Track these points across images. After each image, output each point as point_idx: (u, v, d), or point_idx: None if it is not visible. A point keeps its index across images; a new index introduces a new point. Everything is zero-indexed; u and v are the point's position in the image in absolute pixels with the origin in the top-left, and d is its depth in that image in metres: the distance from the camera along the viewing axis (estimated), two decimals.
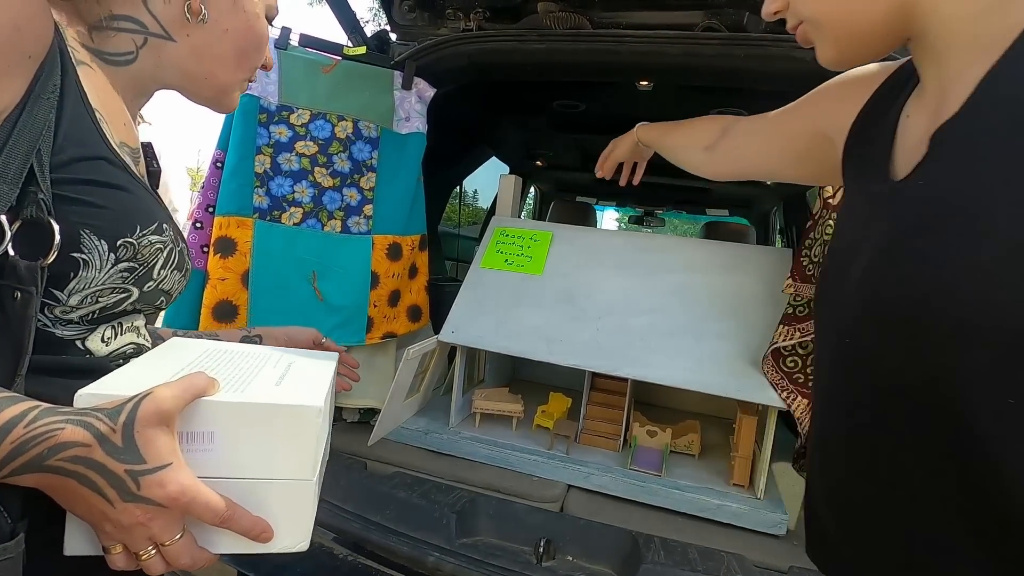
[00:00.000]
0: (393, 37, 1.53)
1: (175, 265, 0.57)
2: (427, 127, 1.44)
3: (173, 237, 0.56)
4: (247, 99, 1.21)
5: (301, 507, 0.50)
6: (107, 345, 0.53)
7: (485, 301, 1.37)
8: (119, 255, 0.49)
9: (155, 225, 0.53)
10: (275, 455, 0.49)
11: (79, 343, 0.51)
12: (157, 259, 0.54)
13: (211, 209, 1.22)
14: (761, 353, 1.15)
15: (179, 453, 0.44)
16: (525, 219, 2.36)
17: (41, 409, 0.41)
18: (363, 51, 1.37)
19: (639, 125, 1.16)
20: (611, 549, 0.98)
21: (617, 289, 1.34)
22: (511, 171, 2.68)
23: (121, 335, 0.55)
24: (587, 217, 3.32)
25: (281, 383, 0.53)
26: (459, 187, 2.59)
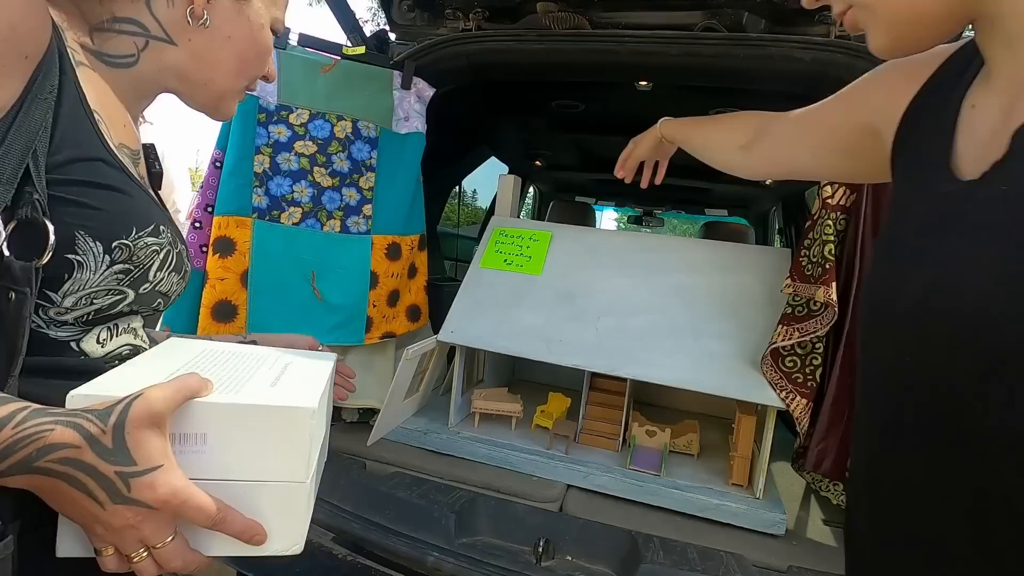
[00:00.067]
0: (392, 37, 1.53)
1: (172, 267, 0.56)
2: (426, 127, 1.44)
3: (171, 239, 0.56)
4: (246, 98, 1.20)
5: (295, 510, 0.50)
6: (103, 347, 0.53)
7: (484, 301, 1.37)
8: (114, 257, 0.49)
9: (151, 227, 0.53)
10: (268, 457, 0.48)
11: (74, 344, 0.51)
12: (153, 261, 0.53)
13: (210, 209, 1.22)
14: (760, 353, 1.15)
15: (171, 455, 0.44)
16: (524, 219, 2.36)
17: (31, 410, 0.41)
18: (362, 51, 1.37)
19: (662, 121, 1.08)
20: (610, 549, 0.98)
21: (616, 289, 1.34)
22: (510, 171, 2.69)
23: (117, 336, 0.55)
24: (586, 217, 3.33)
25: (276, 384, 0.53)
26: (458, 187, 2.59)
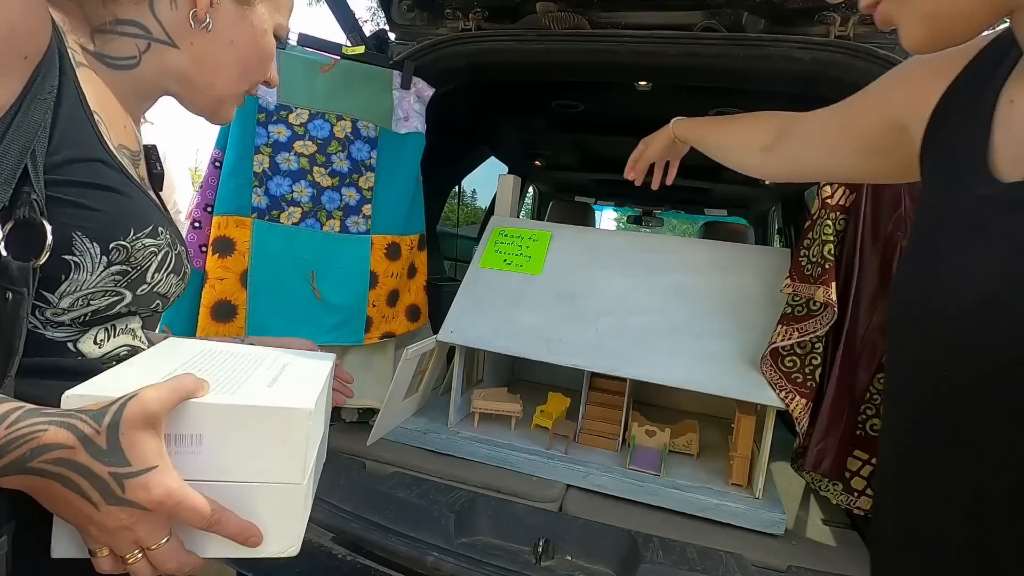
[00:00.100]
0: (392, 37, 1.53)
1: (171, 268, 0.56)
2: (426, 127, 1.44)
3: (169, 240, 0.56)
4: (246, 98, 1.21)
5: (291, 511, 0.50)
6: (100, 347, 0.53)
7: (484, 301, 1.37)
8: (111, 258, 0.49)
9: (150, 228, 0.52)
10: (264, 458, 0.48)
11: (71, 345, 0.50)
12: (151, 262, 0.53)
13: (209, 208, 1.22)
14: (760, 353, 1.15)
15: (165, 455, 0.44)
16: (524, 219, 2.36)
17: (24, 410, 0.40)
18: (362, 51, 1.37)
19: (676, 120, 1.06)
20: (610, 549, 0.98)
21: (616, 289, 1.34)
22: (510, 171, 2.69)
23: (115, 337, 0.55)
24: (586, 217, 3.33)
25: (274, 384, 0.52)
26: (458, 187, 2.59)
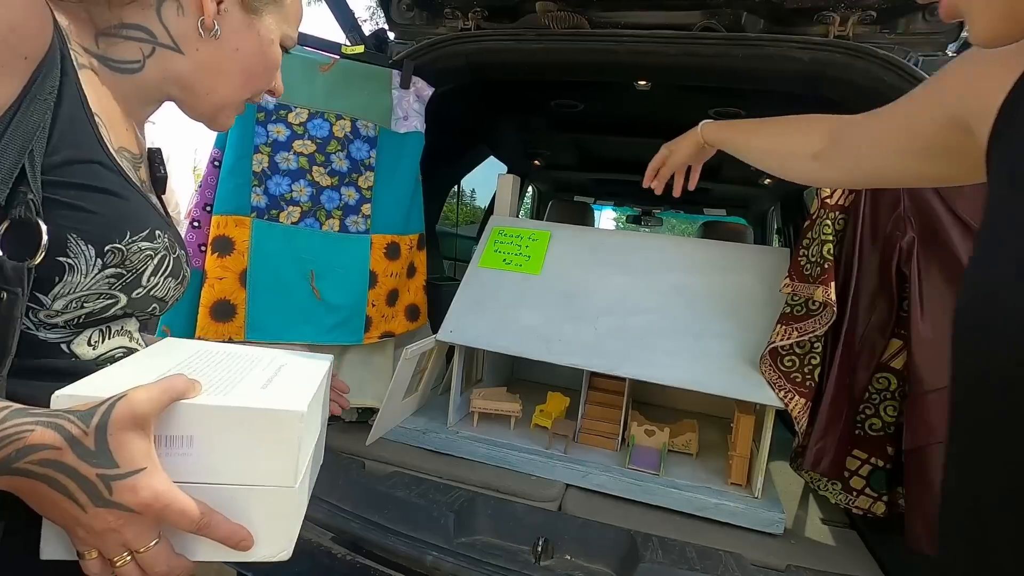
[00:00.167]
0: (391, 36, 1.53)
1: (168, 272, 0.56)
2: (425, 126, 1.44)
3: (167, 244, 0.55)
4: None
5: (283, 515, 0.49)
6: (94, 349, 0.53)
7: (483, 300, 1.37)
8: (106, 261, 0.49)
9: (146, 231, 0.52)
10: (256, 461, 0.47)
11: (64, 346, 0.50)
12: (147, 266, 0.53)
13: (208, 208, 1.21)
14: (759, 352, 1.16)
15: (154, 457, 0.43)
16: (523, 218, 2.36)
17: (12, 410, 0.40)
18: (361, 50, 1.37)
19: (704, 124, 1.03)
20: (609, 548, 0.98)
21: (615, 289, 1.34)
22: (509, 170, 2.69)
23: (109, 339, 0.54)
24: (585, 216, 3.33)
25: (268, 386, 0.51)
26: (457, 186, 2.59)
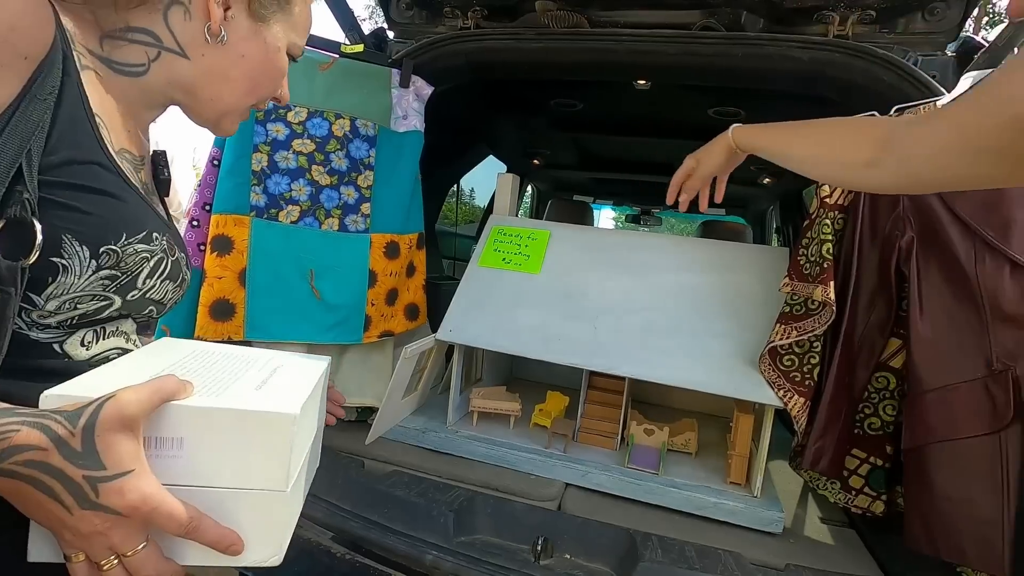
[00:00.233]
0: (391, 35, 1.53)
1: (165, 275, 0.56)
2: (425, 125, 1.44)
3: (165, 247, 0.55)
4: None
5: (274, 519, 0.48)
6: (87, 349, 0.52)
7: (483, 300, 1.37)
8: (101, 262, 0.48)
9: (143, 233, 0.52)
10: (246, 464, 0.46)
11: (56, 346, 0.50)
12: (142, 268, 0.52)
13: (208, 207, 1.21)
14: (758, 352, 1.16)
15: (143, 459, 0.42)
16: (523, 218, 2.36)
17: None
18: (360, 49, 1.37)
19: (734, 128, 0.96)
20: (609, 547, 0.98)
21: (615, 288, 1.34)
22: (508, 170, 2.69)
23: (104, 339, 0.54)
24: (584, 216, 3.33)
25: (262, 387, 0.51)
26: (456, 186, 2.59)
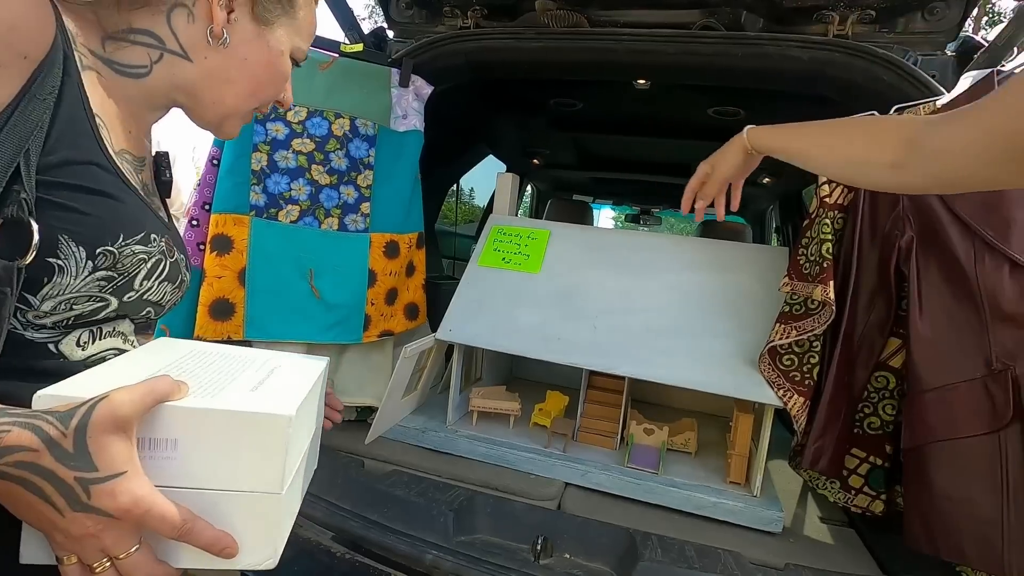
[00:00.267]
0: (390, 34, 1.53)
1: (164, 277, 0.55)
2: (424, 125, 1.44)
3: (164, 249, 0.55)
4: None
5: (269, 522, 0.48)
6: (83, 349, 0.52)
7: (482, 299, 1.37)
8: (97, 263, 0.48)
9: (141, 235, 0.52)
10: (241, 466, 0.46)
11: (52, 346, 0.49)
12: (139, 270, 0.52)
13: (207, 206, 1.21)
14: (758, 351, 1.16)
15: (136, 461, 0.42)
16: (522, 217, 2.36)
17: None
18: (360, 48, 1.37)
19: (748, 129, 0.93)
20: (608, 547, 0.98)
21: (614, 288, 1.34)
22: (508, 169, 2.69)
23: (100, 340, 0.53)
24: (584, 215, 3.33)
25: (258, 388, 0.50)
26: (456, 185, 2.59)
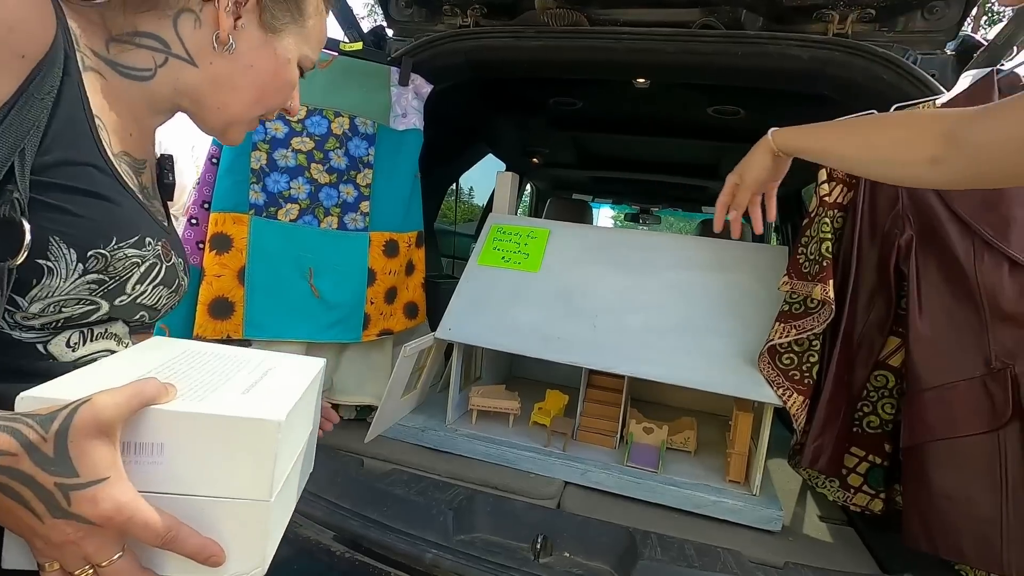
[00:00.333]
0: (390, 33, 1.53)
1: (158, 280, 0.55)
2: (424, 123, 1.44)
3: (159, 252, 0.54)
4: None
5: (257, 530, 0.46)
6: (74, 351, 0.51)
7: (482, 298, 1.37)
8: (88, 266, 0.47)
9: (135, 238, 0.51)
10: (229, 472, 0.44)
11: (40, 347, 0.49)
12: (132, 273, 0.51)
13: (206, 205, 1.21)
14: (757, 350, 1.16)
15: (119, 466, 0.40)
16: (522, 216, 2.36)
17: None
18: (359, 47, 1.37)
19: (775, 133, 0.90)
20: (608, 545, 0.98)
21: (614, 286, 1.34)
22: (507, 168, 2.69)
23: (92, 341, 0.52)
24: (583, 214, 3.33)
25: (250, 391, 0.48)
26: (455, 184, 2.59)
